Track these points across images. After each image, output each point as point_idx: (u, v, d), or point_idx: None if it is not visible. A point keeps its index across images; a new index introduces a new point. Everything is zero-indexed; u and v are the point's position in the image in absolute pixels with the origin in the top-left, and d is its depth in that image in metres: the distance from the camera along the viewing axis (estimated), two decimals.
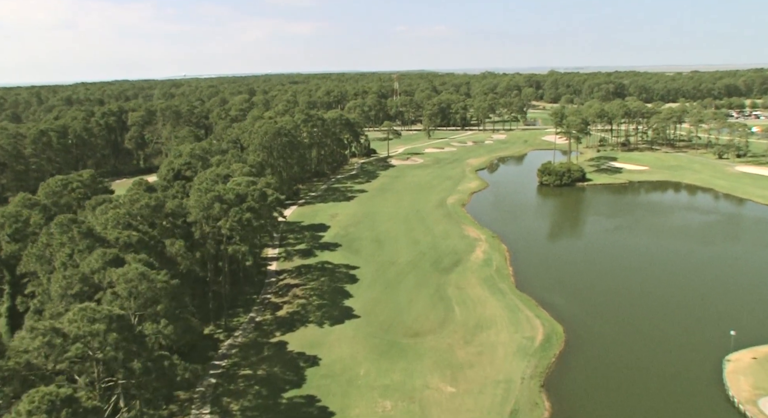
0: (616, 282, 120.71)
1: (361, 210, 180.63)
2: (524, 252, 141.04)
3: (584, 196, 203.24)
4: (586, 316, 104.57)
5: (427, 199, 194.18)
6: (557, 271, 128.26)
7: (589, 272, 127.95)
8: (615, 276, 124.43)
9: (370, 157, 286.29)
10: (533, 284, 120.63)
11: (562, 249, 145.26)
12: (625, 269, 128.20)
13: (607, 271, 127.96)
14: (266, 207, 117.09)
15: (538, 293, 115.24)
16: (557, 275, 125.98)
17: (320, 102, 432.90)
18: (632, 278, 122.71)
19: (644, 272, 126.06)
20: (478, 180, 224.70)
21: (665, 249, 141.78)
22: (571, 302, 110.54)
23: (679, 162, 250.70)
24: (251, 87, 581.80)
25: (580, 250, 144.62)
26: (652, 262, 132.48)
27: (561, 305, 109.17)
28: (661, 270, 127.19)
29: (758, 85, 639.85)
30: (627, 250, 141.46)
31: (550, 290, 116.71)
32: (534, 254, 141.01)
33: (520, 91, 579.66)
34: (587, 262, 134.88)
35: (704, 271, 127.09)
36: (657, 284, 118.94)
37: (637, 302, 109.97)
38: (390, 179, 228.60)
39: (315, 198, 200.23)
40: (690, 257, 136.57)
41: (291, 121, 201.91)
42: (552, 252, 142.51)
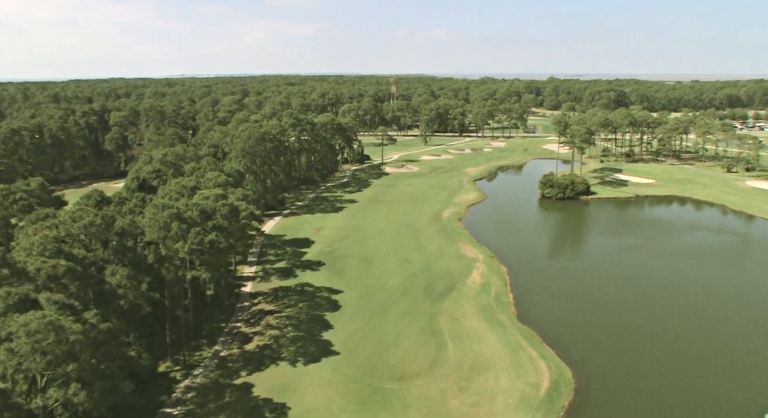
0: (630, 314, 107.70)
1: (349, 223, 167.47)
2: (526, 275, 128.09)
3: (589, 211, 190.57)
4: (599, 357, 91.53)
5: (421, 211, 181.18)
6: (563, 299, 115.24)
7: (599, 301, 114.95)
8: (629, 307, 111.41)
9: (363, 163, 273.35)
10: (536, 314, 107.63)
11: (568, 272, 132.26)
12: (640, 299, 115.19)
13: (619, 300, 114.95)
14: (237, 225, 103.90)
15: (542, 325, 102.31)
16: (563, 303, 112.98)
17: (314, 105, 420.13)
18: (649, 310, 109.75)
19: (663, 303, 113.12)
20: (476, 191, 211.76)
21: (683, 275, 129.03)
22: (580, 339, 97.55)
23: (686, 175, 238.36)
24: (245, 88, 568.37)
25: (588, 274, 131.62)
26: (670, 290, 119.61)
27: (569, 341, 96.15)
28: (683, 301, 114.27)
29: (760, 96, 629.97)
30: (640, 275, 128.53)
31: (555, 323, 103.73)
32: (537, 277, 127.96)
33: (519, 97, 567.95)
34: (596, 288, 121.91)
35: (732, 304, 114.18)
36: (680, 318, 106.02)
37: (657, 340, 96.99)
38: (382, 189, 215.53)
39: (301, 208, 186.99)
40: (712, 286, 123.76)
41: (277, 126, 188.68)
42: (556, 275, 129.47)
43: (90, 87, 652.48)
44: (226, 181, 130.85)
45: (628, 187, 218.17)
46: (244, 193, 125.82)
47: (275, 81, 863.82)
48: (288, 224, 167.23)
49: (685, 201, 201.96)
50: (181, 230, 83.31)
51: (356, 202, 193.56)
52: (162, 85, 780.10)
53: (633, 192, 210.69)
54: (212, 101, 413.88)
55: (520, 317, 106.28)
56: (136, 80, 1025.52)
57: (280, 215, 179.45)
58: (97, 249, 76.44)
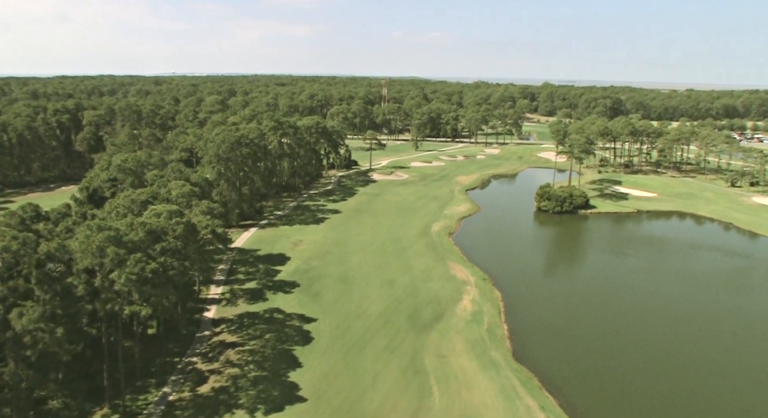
0: (642, 353, 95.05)
1: (330, 237, 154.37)
2: (522, 302, 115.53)
3: (588, 227, 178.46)
4: (607, 407, 78.94)
5: (409, 224, 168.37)
6: (564, 332, 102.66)
7: (605, 336, 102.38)
8: (640, 343, 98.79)
9: (350, 169, 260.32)
10: (535, 351, 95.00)
11: (568, 300, 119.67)
12: (651, 332, 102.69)
13: (627, 334, 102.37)
14: (195, 246, 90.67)
15: (541, 365, 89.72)
16: (564, 338, 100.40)
17: (302, 106, 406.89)
18: (661, 347, 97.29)
19: (676, 337, 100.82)
20: (468, 202, 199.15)
21: (695, 305, 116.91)
22: (584, 384, 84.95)
23: (689, 189, 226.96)
24: (231, 88, 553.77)
25: (591, 302, 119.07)
26: (684, 325, 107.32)
27: (572, 386, 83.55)
28: (699, 336, 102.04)
29: (757, 106, 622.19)
30: (648, 305, 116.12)
31: (556, 362, 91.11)
32: (534, 304, 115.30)
33: (514, 102, 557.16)
34: (601, 321, 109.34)
35: (759, 341, 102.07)
36: (700, 359, 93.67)
37: (675, 387, 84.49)
38: (369, 198, 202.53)
39: (280, 218, 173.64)
40: (729, 319, 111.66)
41: (256, 129, 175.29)
42: (556, 303, 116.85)
43: (74, 84, 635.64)
44: (191, 191, 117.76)
45: (629, 201, 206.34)
46: (210, 206, 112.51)
47: (267, 81, 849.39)
48: (264, 237, 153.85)
49: (689, 217, 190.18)
50: (118, 256, 69.96)
51: (339, 213, 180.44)
52: (150, 83, 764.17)
53: (634, 206, 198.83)
54: (197, 101, 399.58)
55: (516, 354, 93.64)
56: (125, 78, 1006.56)
57: (257, 225, 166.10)
58: (9, 281, 63.00)
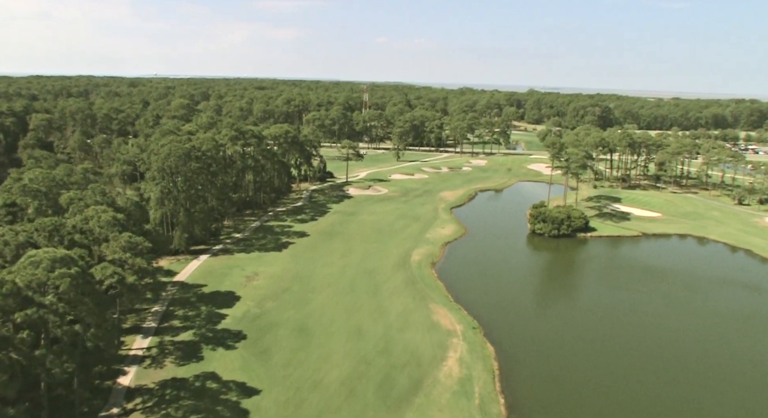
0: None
1: (292, 268, 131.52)
2: (521, 360, 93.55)
3: (590, 254, 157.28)
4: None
5: (386, 252, 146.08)
6: (574, 401, 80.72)
7: (630, 408, 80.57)
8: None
9: (324, 182, 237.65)
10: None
11: (575, 353, 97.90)
12: (694, 403, 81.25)
13: (657, 403, 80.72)
14: (93, 301, 67.56)
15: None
16: (575, 410, 78.51)
17: (278, 112, 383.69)
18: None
19: (721, 406, 79.42)
20: (453, 223, 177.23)
21: (730, 356, 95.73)
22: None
23: (694, 208, 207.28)
24: (206, 91, 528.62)
25: (607, 357, 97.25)
26: (725, 382, 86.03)
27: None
28: (744, 399, 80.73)
29: (746, 116, 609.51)
30: (683, 361, 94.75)
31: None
32: (536, 363, 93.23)
33: (500, 109, 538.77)
34: (625, 385, 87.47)
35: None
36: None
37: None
38: (342, 217, 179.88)
39: (238, 243, 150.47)
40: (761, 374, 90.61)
41: (211, 140, 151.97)
42: (561, 360, 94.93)
43: (41, 84, 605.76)
44: (113, 219, 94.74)
45: (631, 222, 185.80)
46: (131, 241, 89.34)
47: (249, 84, 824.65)
48: (214, 268, 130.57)
49: (700, 242, 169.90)
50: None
51: (307, 236, 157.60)
52: (125, 85, 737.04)
53: (638, 229, 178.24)
54: (166, 104, 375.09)
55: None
56: (103, 78, 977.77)
57: (209, 251, 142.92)
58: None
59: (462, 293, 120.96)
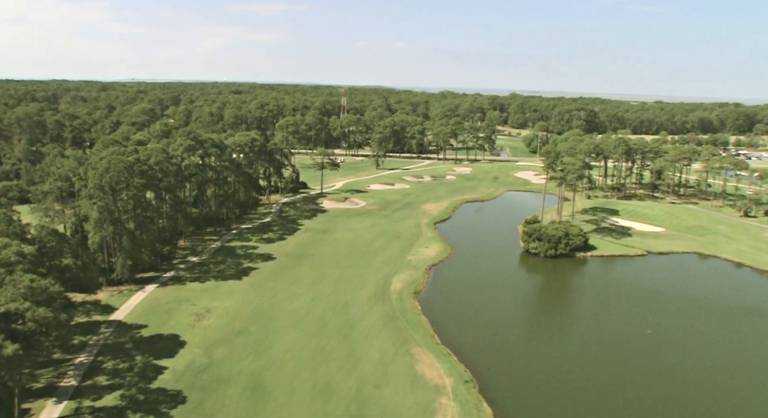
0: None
1: (252, 301, 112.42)
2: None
3: (594, 279, 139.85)
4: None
5: (362, 278, 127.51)
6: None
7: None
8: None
9: (297, 193, 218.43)
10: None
11: (592, 412, 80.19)
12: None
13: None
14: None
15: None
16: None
17: (251, 117, 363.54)
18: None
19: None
20: (438, 242, 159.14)
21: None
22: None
23: (698, 221, 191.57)
24: (176, 95, 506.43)
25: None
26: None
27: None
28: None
29: (732, 120, 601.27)
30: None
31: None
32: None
33: (484, 114, 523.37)
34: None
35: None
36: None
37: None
38: (313, 236, 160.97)
39: (193, 268, 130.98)
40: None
41: (160, 151, 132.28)
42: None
43: (5, 88, 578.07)
44: (18, 254, 75.54)
45: (633, 239, 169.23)
46: (32, 286, 70.00)
47: (226, 88, 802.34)
48: (160, 302, 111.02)
49: (712, 263, 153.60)
50: None
51: (272, 260, 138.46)
52: (97, 89, 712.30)
53: (641, 246, 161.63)
54: (132, 109, 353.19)
55: None
56: (76, 83, 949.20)
57: (158, 279, 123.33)
58: None
59: (450, 332, 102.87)
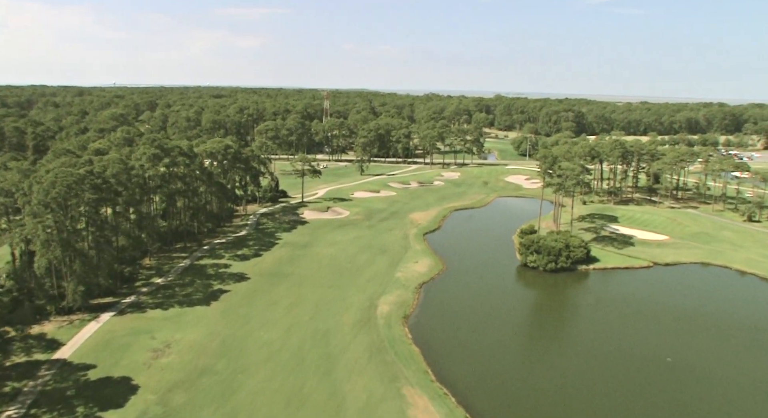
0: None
1: (220, 332, 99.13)
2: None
3: (599, 295, 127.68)
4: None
5: (345, 301, 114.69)
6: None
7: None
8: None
9: (276, 203, 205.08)
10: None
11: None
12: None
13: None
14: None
15: None
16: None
17: (230, 121, 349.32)
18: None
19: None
20: (428, 256, 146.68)
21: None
22: None
23: (702, 227, 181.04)
24: (153, 100, 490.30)
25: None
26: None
27: None
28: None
29: (719, 120, 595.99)
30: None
31: None
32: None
33: (470, 116, 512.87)
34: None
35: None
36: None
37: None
38: (292, 251, 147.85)
39: (156, 292, 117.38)
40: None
41: (117, 161, 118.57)
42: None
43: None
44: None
45: (637, 248, 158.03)
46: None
47: (208, 92, 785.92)
48: (115, 335, 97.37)
49: (722, 274, 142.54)
50: None
51: (246, 280, 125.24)
52: (73, 94, 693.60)
53: (646, 257, 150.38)
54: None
55: None
56: (53, 88, 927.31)
57: (116, 306, 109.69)
58: None
59: (446, 366, 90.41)
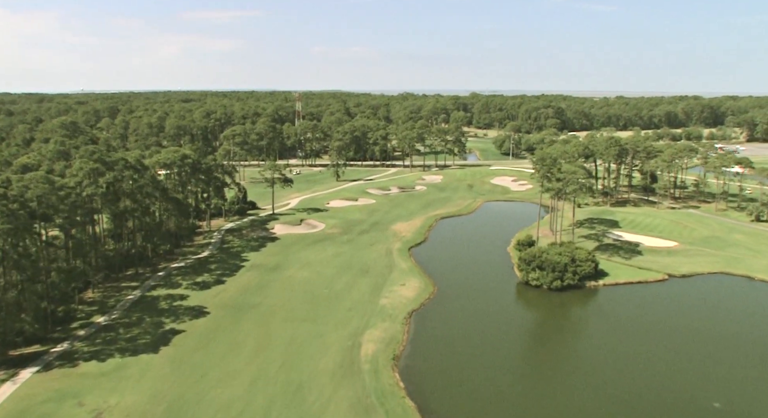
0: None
1: (167, 392, 79.91)
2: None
3: (616, 318, 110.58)
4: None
5: (322, 340, 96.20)
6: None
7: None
8: None
9: (244, 215, 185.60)
10: None
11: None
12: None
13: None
14: None
15: None
16: None
17: (195, 127, 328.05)
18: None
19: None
20: (415, 276, 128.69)
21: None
22: None
23: (710, 230, 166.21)
24: (114, 106, 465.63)
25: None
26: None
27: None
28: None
29: (698, 113, 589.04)
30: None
31: None
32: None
33: (448, 115, 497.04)
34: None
35: None
36: None
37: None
38: (261, 275, 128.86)
39: (94, 336, 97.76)
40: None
41: (42, 181, 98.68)
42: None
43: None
44: None
45: (645, 257, 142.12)
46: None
47: (178, 97, 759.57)
48: (32, 401, 77.65)
49: (748, 286, 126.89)
50: None
51: (205, 316, 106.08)
52: (33, 102, 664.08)
53: (659, 268, 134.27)
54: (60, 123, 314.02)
55: None
56: (13, 95, 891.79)
57: (41, 358, 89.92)
58: None
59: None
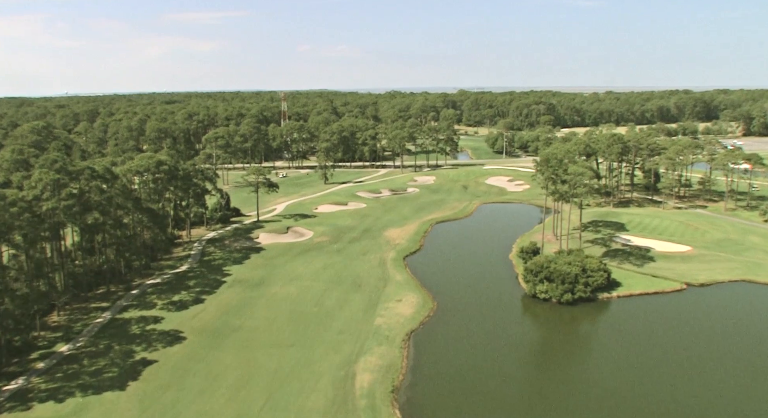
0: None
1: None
2: None
3: (635, 337, 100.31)
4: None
5: (312, 369, 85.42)
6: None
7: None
8: None
9: (227, 223, 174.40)
10: None
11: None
12: None
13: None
14: None
15: None
16: None
17: (177, 129, 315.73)
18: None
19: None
20: (412, 290, 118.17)
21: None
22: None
23: (723, 232, 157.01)
24: (94, 109, 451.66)
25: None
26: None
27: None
28: None
29: (690, 107, 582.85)
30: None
31: None
32: None
33: (437, 113, 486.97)
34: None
35: None
36: None
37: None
38: (243, 292, 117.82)
39: (54, 369, 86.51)
40: None
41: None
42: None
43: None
44: None
45: (658, 263, 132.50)
46: None
47: (162, 99, 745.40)
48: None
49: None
50: None
51: (180, 342, 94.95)
52: (14, 106, 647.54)
53: (675, 276, 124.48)
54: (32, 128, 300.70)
55: None
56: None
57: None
58: None
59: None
